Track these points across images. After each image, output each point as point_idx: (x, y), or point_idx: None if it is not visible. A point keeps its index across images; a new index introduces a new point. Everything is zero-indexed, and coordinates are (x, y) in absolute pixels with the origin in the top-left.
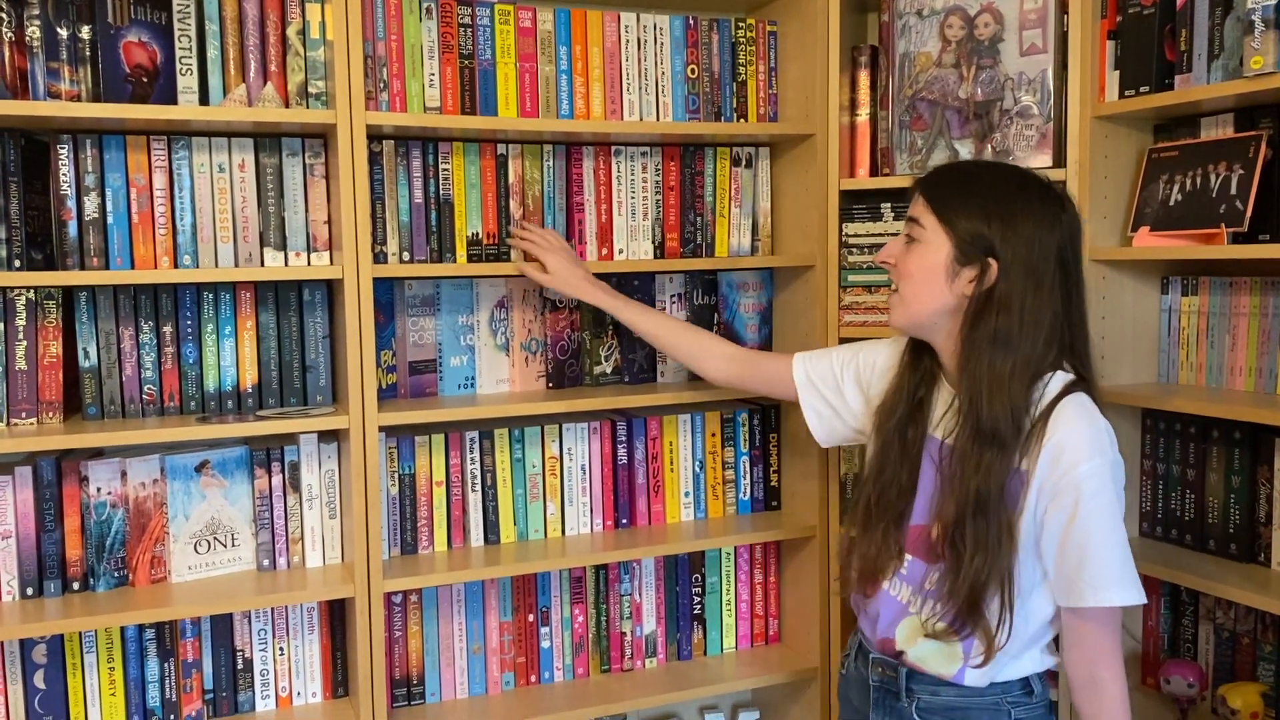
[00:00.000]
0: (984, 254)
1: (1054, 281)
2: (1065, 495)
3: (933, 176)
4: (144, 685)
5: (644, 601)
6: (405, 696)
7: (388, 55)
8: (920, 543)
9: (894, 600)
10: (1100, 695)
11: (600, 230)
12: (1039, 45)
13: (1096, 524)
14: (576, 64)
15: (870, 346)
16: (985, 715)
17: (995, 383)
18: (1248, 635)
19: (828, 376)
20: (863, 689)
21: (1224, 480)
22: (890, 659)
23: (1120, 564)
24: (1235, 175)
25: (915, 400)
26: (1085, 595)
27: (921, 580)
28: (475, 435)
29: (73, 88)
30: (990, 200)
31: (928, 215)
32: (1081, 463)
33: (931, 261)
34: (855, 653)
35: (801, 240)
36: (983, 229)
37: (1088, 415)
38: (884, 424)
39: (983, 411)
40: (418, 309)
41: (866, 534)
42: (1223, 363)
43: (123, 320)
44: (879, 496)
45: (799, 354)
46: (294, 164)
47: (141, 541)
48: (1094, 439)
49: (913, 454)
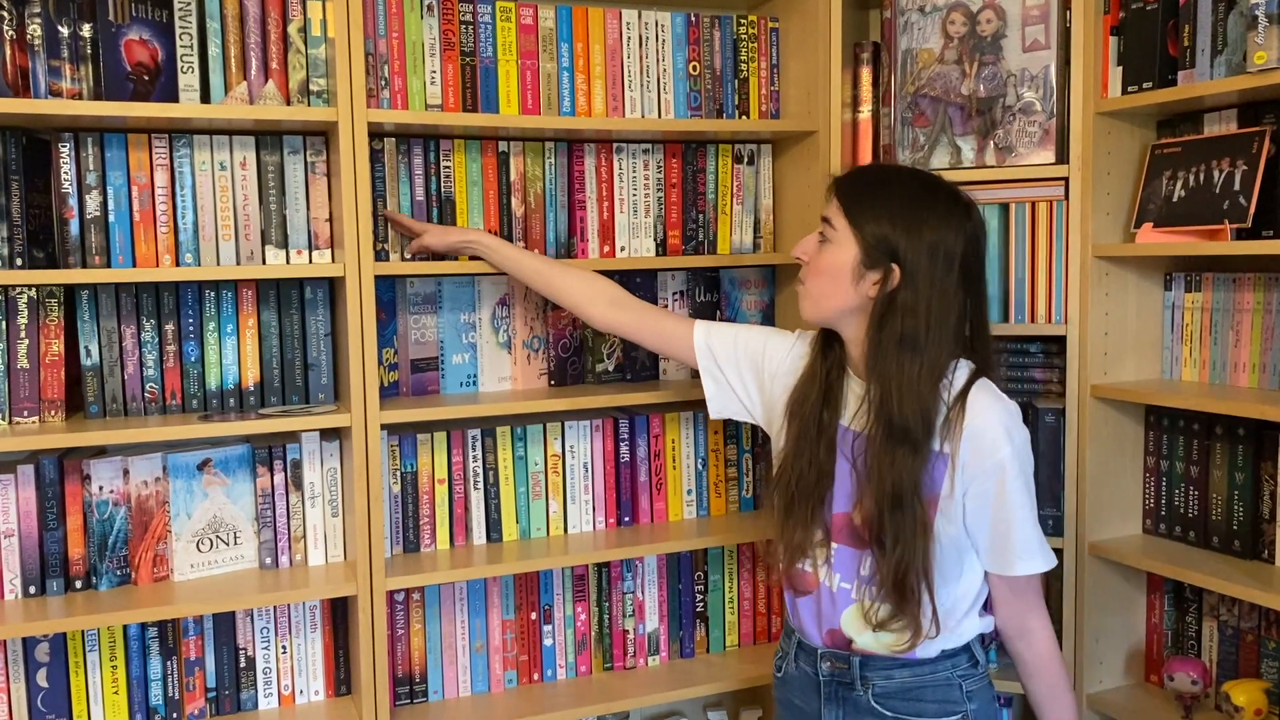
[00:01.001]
0: (889, 259)
1: (957, 286)
2: (988, 478)
3: (848, 179)
4: (146, 684)
5: (647, 599)
6: (408, 694)
7: (389, 52)
8: (844, 530)
9: (830, 591)
10: (1032, 642)
11: (602, 227)
12: (1042, 41)
13: (1019, 501)
14: (578, 61)
15: (777, 335)
16: (939, 691)
17: (905, 385)
18: (1251, 632)
19: (728, 350)
20: (808, 687)
21: (1228, 477)
22: (840, 650)
23: (1038, 534)
24: (1239, 171)
25: (827, 385)
26: (1015, 565)
27: (856, 567)
28: (477, 433)
29: (74, 86)
30: (898, 207)
31: (839, 217)
32: (1001, 447)
33: (839, 262)
34: (795, 653)
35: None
36: (888, 234)
37: (998, 399)
38: (798, 409)
39: (894, 411)
40: (419, 307)
41: (789, 518)
42: (1226, 359)
43: (124, 318)
44: (798, 481)
45: (701, 321)
46: (295, 162)
47: (144, 540)
48: (1007, 421)
49: (829, 437)
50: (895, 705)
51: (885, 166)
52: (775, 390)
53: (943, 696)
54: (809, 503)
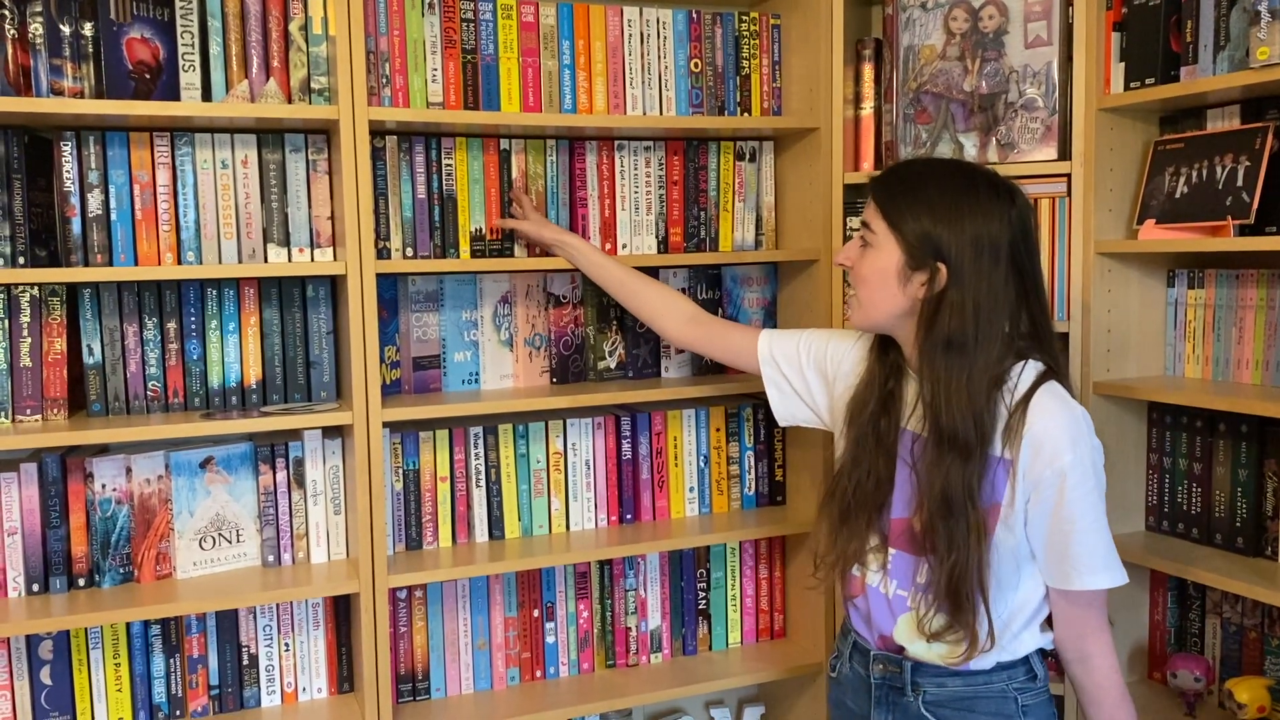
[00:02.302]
0: (933, 257)
1: (1006, 279)
2: (1048, 486)
3: (882, 179)
4: (150, 681)
5: (649, 597)
6: (410, 692)
7: (390, 50)
8: (903, 536)
9: (883, 596)
10: (1090, 669)
11: (604, 225)
12: (1044, 37)
13: (1081, 511)
14: (579, 58)
15: (839, 337)
16: (993, 704)
17: (954, 388)
18: (1255, 629)
19: (792, 357)
20: (862, 689)
21: (1231, 474)
22: (893, 654)
23: (1105, 548)
24: (1241, 167)
25: (886, 392)
26: (1072, 579)
27: (913, 574)
28: (479, 431)
29: (76, 84)
30: (936, 201)
31: (877, 219)
32: (1064, 454)
33: (883, 266)
34: (850, 653)
35: (806, 234)
36: (929, 231)
37: (1064, 404)
38: (856, 416)
39: (942, 416)
40: (421, 305)
41: (845, 526)
42: (1229, 356)
43: (126, 317)
44: (856, 489)
45: (766, 330)
46: (297, 160)
47: (146, 538)
48: (1072, 428)
49: (888, 445)
50: (946, 715)
51: (920, 161)
52: (839, 390)
53: (996, 709)
54: (866, 511)
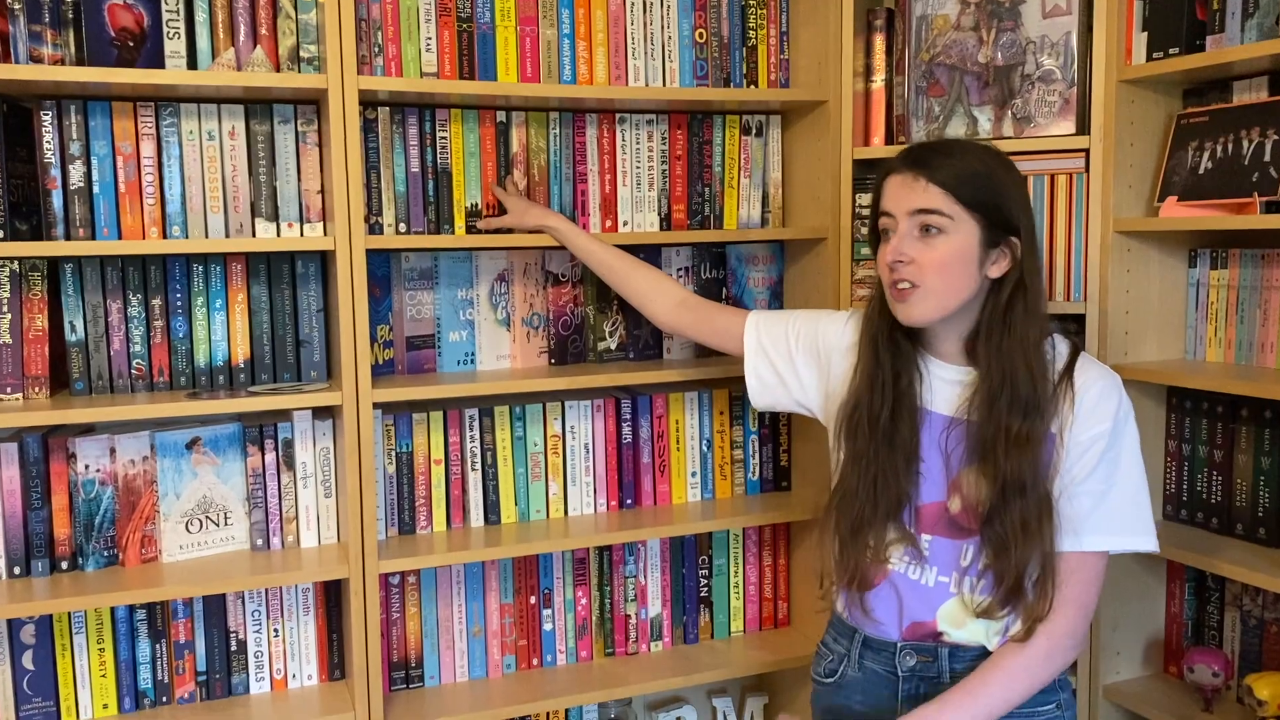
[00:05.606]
0: (1006, 231)
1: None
2: (1089, 449)
3: (929, 161)
4: (135, 666)
5: (649, 584)
6: (404, 679)
7: (382, 18)
8: (939, 521)
9: (915, 584)
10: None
11: (604, 201)
12: (1062, 6)
13: (1122, 472)
14: (579, 27)
15: (829, 316)
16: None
17: (1029, 355)
18: (1275, 623)
19: (780, 343)
20: (879, 686)
21: (1253, 461)
22: (925, 643)
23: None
24: (1269, 141)
25: (898, 392)
26: (1083, 538)
27: (956, 557)
28: (475, 413)
29: (56, 51)
30: (1001, 179)
31: (948, 203)
32: (1111, 417)
33: (960, 248)
34: (859, 652)
35: (813, 212)
36: (1000, 204)
37: (1104, 370)
38: (863, 419)
39: (1020, 386)
40: (415, 282)
41: (857, 539)
42: (1253, 339)
43: (110, 293)
44: (870, 491)
45: (754, 313)
46: (286, 131)
47: (131, 520)
48: (1117, 393)
49: (904, 444)
50: None
51: (947, 141)
52: (833, 369)
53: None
54: (885, 509)
